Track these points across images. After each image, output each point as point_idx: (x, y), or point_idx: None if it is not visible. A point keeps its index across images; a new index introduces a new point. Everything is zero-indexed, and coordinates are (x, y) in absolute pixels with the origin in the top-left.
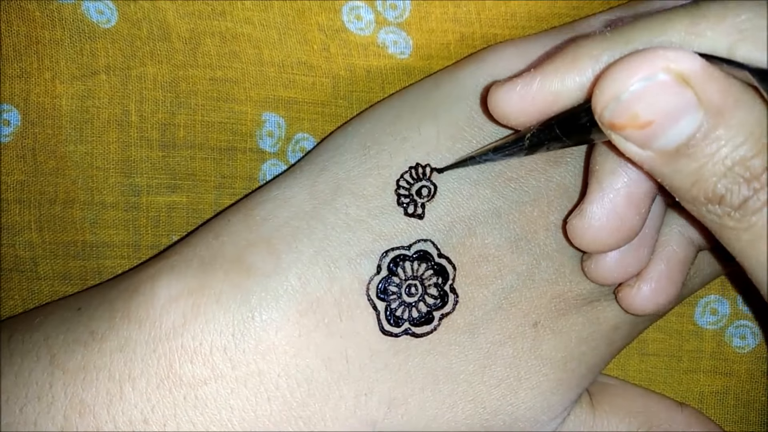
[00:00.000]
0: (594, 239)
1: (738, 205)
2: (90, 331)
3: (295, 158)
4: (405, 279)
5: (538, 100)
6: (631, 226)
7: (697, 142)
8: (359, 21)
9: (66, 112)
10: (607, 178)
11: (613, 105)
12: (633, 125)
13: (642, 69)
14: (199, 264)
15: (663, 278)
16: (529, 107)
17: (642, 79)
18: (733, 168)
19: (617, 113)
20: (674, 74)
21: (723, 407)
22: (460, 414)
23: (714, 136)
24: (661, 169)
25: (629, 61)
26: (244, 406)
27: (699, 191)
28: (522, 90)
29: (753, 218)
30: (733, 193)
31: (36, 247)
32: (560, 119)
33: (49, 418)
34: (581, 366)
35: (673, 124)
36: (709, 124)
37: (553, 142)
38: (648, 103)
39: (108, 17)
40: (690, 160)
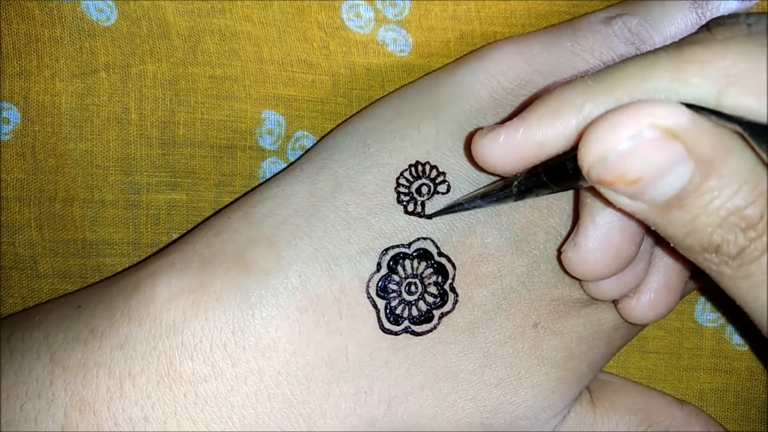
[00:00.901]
0: (590, 271)
1: (735, 255)
2: (90, 329)
3: (294, 156)
4: (405, 277)
5: (522, 150)
6: (626, 256)
7: (689, 194)
8: (359, 19)
9: (66, 110)
10: (600, 211)
11: (599, 165)
12: (622, 182)
13: (628, 126)
14: (200, 262)
15: (662, 289)
16: (514, 157)
17: (628, 138)
18: (728, 218)
19: (604, 173)
20: (661, 130)
21: (723, 405)
22: (460, 412)
23: (706, 187)
24: (654, 219)
25: (614, 118)
26: (244, 403)
27: (694, 241)
28: (506, 140)
29: (751, 267)
30: (729, 242)
31: (36, 245)
32: (547, 167)
33: (49, 415)
34: (582, 365)
35: (662, 179)
36: (700, 176)
37: (541, 188)
38: (636, 162)
39: (107, 15)
40: (683, 212)
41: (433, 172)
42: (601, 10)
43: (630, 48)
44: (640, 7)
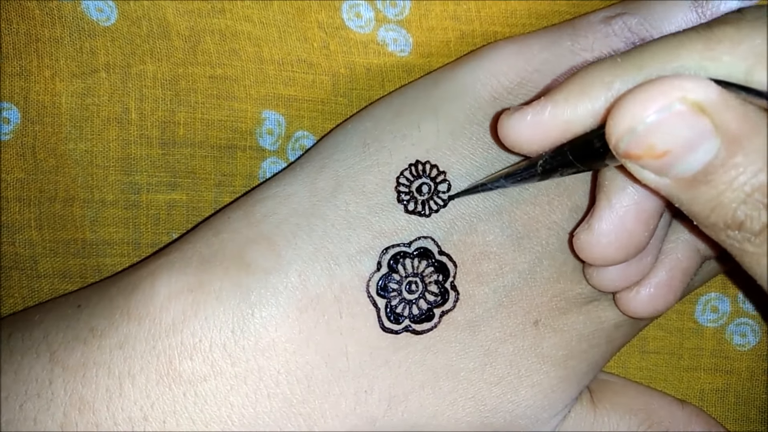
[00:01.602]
0: (601, 255)
1: (759, 231)
2: (90, 328)
3: (294, 156)
4: (405, 276)
5: (550, 129)
6: (639, 241)
7: (715, 170)
8: (359, 19)
9: (66, 110)
10: (617, 195)
11: (628, 137)
12: (649, 155)
13: (657, 99)
14: (199, 261)
15: (663, 286)
16: (540, 136)
17: (657, 110)
18: (753, 194)
19: (633, 145)
20: (690, 103)
21: (723, 405)
22: (461, 411)
23: (732, 163)
24: (679, 195)
25: (644, 91)
26: (244, 402)
27: (718, 217)
28: (533, 119)
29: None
30: (753, 219)
31: (36, 245)
32: (573, 146)
33: (48, 414)
34: (582, 364)
35: (690, 153)
36: (726, 152)
37: (567, 168)
38: (664, 134)
39: (108, 15)
40: (708, 187)
41: (433, 171)
42: (601, 10)
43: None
44: (640, 7)
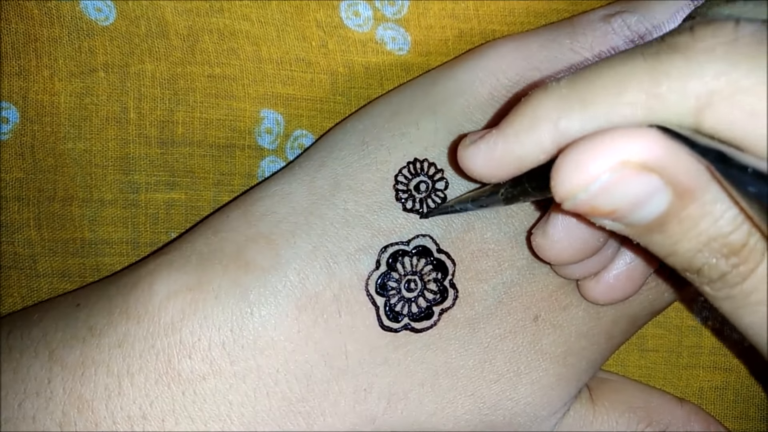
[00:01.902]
0: (556, 257)
1: (717, 278)
2: (88, 327)
3: (293, 155)
4: (404, 274)
5: (502, 163)
6: (593, 245)
7: (669, 220)
8: (357, 17)
9: (64, 109)
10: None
11: (570, 203)
12: (596, 214)
13: (597, 164)
14: (198, 260)
15: (622, 276)
16: (495, 169)
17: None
18: (710, 244)
19: (579, 207)
20: (633, 166)
21: (722, 402)
22: (460, 409)
23: (685, 214)
24: (635, 238)
25: (583, 153)
26: (243, 401)
27: (675, 262)
28: (486, 153)
29: (733, 291)
30: (711, 267)
31: (35, 244)
32: (529, 177)
33: (47, 413)
34: (581, 361)
35: (639, 209)
36: (679, 204)
37: (527, 195)
38: (608, 198)
39: (106, 15)
40: (664, 236)
41: (431, 169)
42: (600, 8)
43: (629, 46)
44: (639, 5)
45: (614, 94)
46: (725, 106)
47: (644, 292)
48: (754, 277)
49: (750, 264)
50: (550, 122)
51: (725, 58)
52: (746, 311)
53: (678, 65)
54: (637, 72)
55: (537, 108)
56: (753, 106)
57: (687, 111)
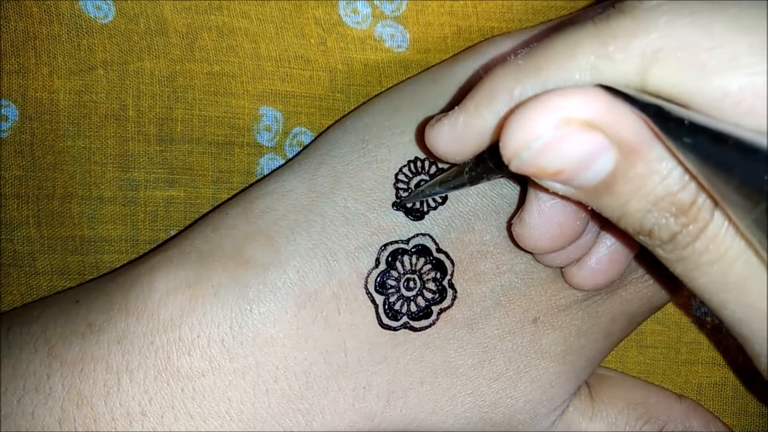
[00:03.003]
0: (536, 246)
1: (668, 239)
2: (88, 323)
3: (292, 152)
4: (403, 273)
5: (465, 138)
6: (571, 231)
7: (616, 181)
8: (356, 15)
9: (63, 107)
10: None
11: (516, 162)
12: (543, 175)
13: (540, 121)
14: (198, 257)
15: (605, 260)
16: (458, 146)
17: (541, 134)
18: (658, 203)
19: (523, 167)
20: (577, 122)
21: (721, 398)
22: (459, 407)
23: (633, 173)
24: (587, 202)
25: (526, 112)
26: (242, 398)
27: (627, 225)
28: (449, 130)
29: (684, 252)
30: (661, 228)
31: (34, 242)
32: (491, 153)
33: (46, 409)
34: (580, 359)
35: (586, 168)
36: (626, 163)
37: (491, 173)
38: (554, 156)
39: (105, 12)
40: (613, 198)
41: (432, 167)
42: (598, 4)
43: None
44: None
45: (565, 59)
46: (669, 63)
47: (642, 290)
48: (704, 236)
49: (699, 223)
50: (506, 92)
51: (670, 16)
52: (699, 272)
53: (625, 26)
54: (587, 37)
55: (495, 81)
56: (696, 60)
57: (633, 70)
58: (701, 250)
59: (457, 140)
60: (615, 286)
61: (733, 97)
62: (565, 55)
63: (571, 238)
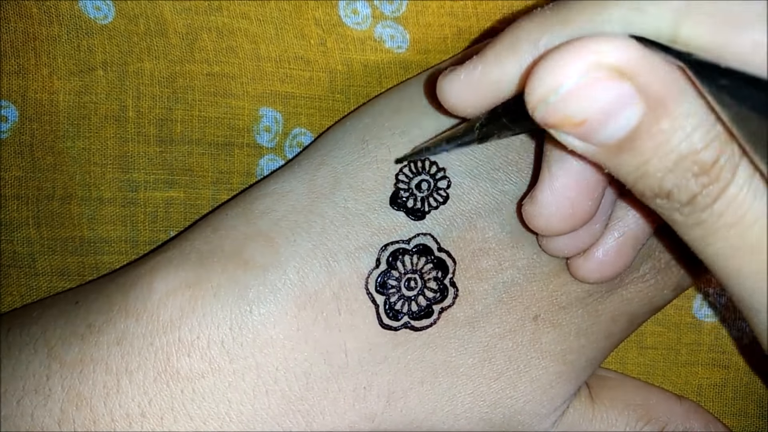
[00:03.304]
0: (546, 225)
1: (687, 201)
2: (87, 324)
3: (292, 153)
4: (404, 273)
5: (481, 89)
6: (583, 211)
7: (640, 136)
8: (356, 15)
9: (63, 108)
10: (557, 164)
11: (542, 106)
12: (567, 124)
13: (571, 65)
14: (197, 257)
15: (612, 252)
16: (473, 96)
17: (571, 78)
18: (680, 162)
19: (548, 114)
20: (607, 68)
21: (721, 400)
22: (460, 407)
23: (657, 129)
24: (605, 162)
25: (557, 56)
26: (242, 399)
27: (645, 186)
28: (466, 79)
29: (703, 215)
30: (681, 188)
31: (34, 243)
32: (506, 107)
33: (46, 410)
34: (580, 359)
35: (611, 120)
36: (651, 117)
37: (503, 130)
38: (580, 103)
39: (105, 13)
40: (634, 155)
41: (433, 167)
42: None
43: None
44: None
45: (596, 10)
46: (701, 16)
47: (643, 290)
48: (724, 197)
49: (721, 183)
50: (530, 43)
51: None
52: (715, 237)
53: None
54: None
55: (519, 30)
56: (728, 14)
57: (665, 23)
58: (720, 212)
59: (472, 91)
60: (615, 285)
61: (764, 49)
62: (595, 6)
63: (582, 220)
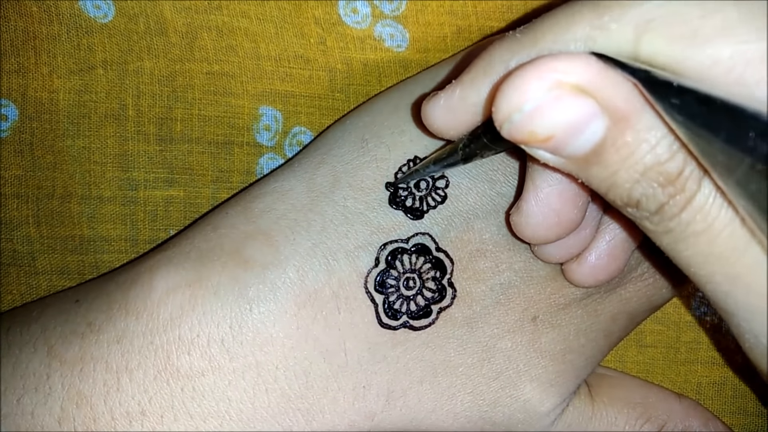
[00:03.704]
0: (533, 235)
1: (655, 211)
2: (87, 323)
3: (292, 152)
4: (403, 272)
5: (460, 112)
6: (568, 220)
7: (606, 150)
8: (356, 14)
9: (63, 106)
10: (540, 176)
11: (507, 125)
12: (533, 141)
13: (532, 84)
14: (197, 256)
15: (604, 255)
16: (454, 120)
17: (534, 97)
18: (646, 173)
19: (514, 132)
20: (568, 86)
21: (721, 398)
22: (459, 406)
23: (622, 142)
24: (577, 173)
25: (520, 75)
26: (242, 397)
27: (615, 196)
28: (445, 103)
29: (670, 223)
30: (648, 198)
31: (34, 241)
32: (486, 128)
33: (46, 409)
34: (580, 358)
35: (576, 135)
36: (615, 131)
37: (485, 150)
38: (544, 120)
39: (105, 12)
40: (602, 167)
41: None
42: None
43: None
44: None
45: (561, 30)
46: (661, 32)
47: (642, 289)
48: (691, 207)
49: (687, 193)
50: (502, 64)
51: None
52: (685, 244)
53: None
54: (583, 8)
55: (491, 54)
56: (687, 29)
57: (626, 39)
58: (687, 221)
59: (452, 114)
60: (614, 285)
61: (723, 65)
62: (561, 26)
63: (569, 228)
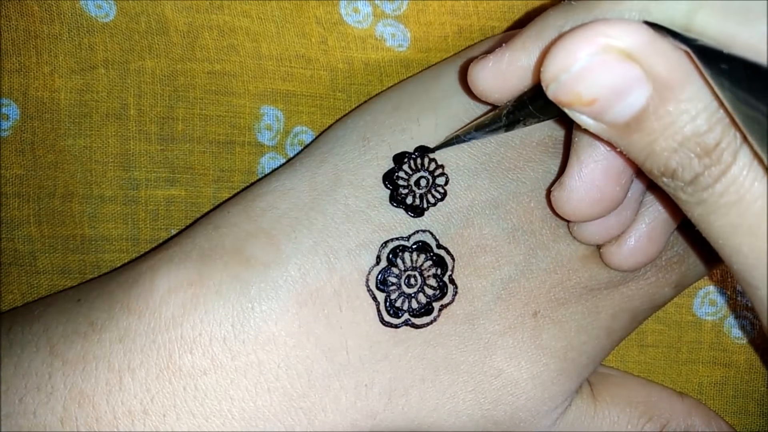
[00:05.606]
0: (574, 211)
1: (690, 181)
2: (89, 322)
3: (293, 151)
4: (404, 270)
5: (509, 76)
6: (611, 197)
7: (647, 117)
8: (357, 14)
9: (64, 106)
10: (585, 151)
11: (555, 85)
12: (578, 103)
13: (582, 46)
14: (199, 255)
15: (643, 238)
16: (501, 83)
17: (582, 58)
18: (685, 143)
19: (560, 92)
20: (616, 51)
21: (722, 398)
22: (461, 404)
23: (664, 111)
24: (617, 141)
25: (570, 38)
26: (244, 396)
27: (652, 165)
28: (494, 66)
29: (704, 194)
30: (684, 168)
31: (35, 241)
32: (532, 93)
33: (48, 408)
34: (581, 356)
35: (619, 100)
36: (658, 99)
37: (529, 117)
38: (590, 82)
39: (106, 11)
40: (641, 135)
41: (431, 164)
42: None
43: None
44: None
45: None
46: (716, 7)
47: (644, 287)
48: (725, 178)
49: (722, 165)
50: (555, 28)
51: None
52: (717, 215)
53: None
54: None
55: (545, 19)
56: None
57: (681, 12)
58: (720, 192)
59: (500, 78)
60: (616, 282)
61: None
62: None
63: (610, 206)
